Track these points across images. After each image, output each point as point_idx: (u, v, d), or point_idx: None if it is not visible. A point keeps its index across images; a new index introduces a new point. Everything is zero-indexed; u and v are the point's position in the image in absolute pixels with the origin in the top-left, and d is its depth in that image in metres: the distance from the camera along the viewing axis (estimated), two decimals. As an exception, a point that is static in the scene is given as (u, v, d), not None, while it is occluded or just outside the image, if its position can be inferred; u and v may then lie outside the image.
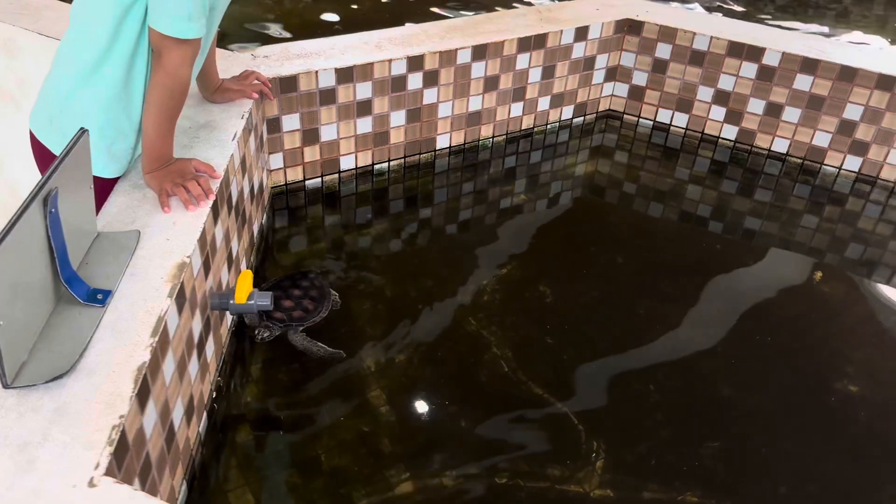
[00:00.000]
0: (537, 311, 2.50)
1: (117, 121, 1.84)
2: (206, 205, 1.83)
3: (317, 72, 2.66)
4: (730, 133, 3.42)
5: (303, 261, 2.65)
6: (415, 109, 3.00)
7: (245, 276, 1.82)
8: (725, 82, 3.31)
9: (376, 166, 3.07)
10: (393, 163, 3.10)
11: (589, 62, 3.40)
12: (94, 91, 1.79)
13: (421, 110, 3.02)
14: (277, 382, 2.14)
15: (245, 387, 2.12)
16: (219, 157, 2.03)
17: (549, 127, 3.49)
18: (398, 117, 2.97)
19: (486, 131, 3.29)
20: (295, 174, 2.88)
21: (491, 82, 3.14)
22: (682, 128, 3.52)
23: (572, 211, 3.14)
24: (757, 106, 3.29)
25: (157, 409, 1.46)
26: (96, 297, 1.51)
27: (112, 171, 1.90)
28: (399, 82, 2.88)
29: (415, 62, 2.86)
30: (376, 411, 2.08)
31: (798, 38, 3.36)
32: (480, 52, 3.01)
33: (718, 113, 3.40)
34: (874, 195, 3.22)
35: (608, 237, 2.98)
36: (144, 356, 1.40)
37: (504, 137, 3.38)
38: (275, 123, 2.70)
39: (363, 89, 2.81)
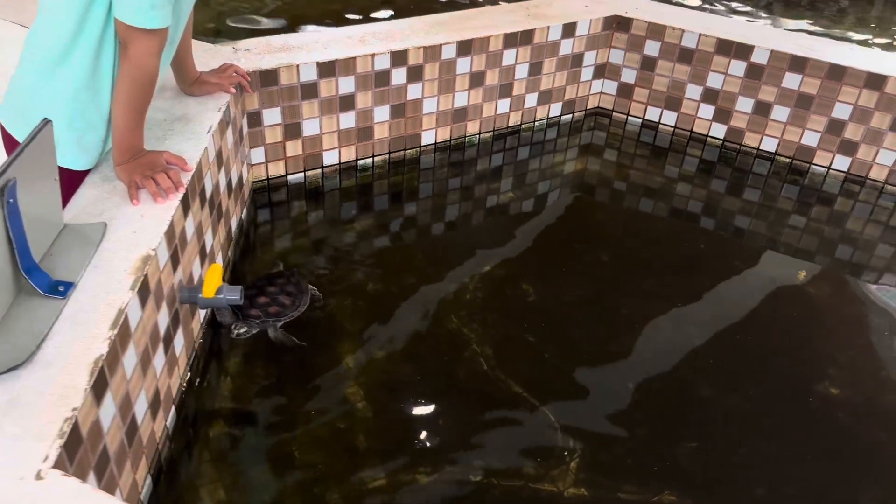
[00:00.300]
0: (519, 310, 2.48)
1: (86, 112, 1.82)
2: (176, 197, 1.81)
3: (298, 65, 2.64)
4: (718, 132, 3.39)
5: (284, 256, 2.64)
6: (399, 105, 2.98)
7: (214, 269, 1.80)
8: (714, 80, 3.29)
9: (360, 162, 3.05)
10: (377, 158, 3.08)
11: (577, 59, 3.37)
12: (61, 82, 1.77)
13: (405, 106, 3.00)
14: (253, 377, 2.12)
15: (219, 382, 2.11)
16: (192, 149, 2.01)
17: (537, 124, 3.47)
18: (382, 112, 2.95)
19: (472, 128, 3.27)
20: (277, 169, 2.86)
21: (477, 78, 3.11)
22: (671, 126, 3.49)
23: (559, 209, 3.12)
24: (745, 104, 3.27)
25: (117, 403, 1.44)
26: (57, 289, 1.49)
27: (82, 162, 1.88)
28: (382, 77, 2.86)
29: (398, 57, 2.84)
30: (353, 408, 2.06)
31: (787, 36, 3.34)
32: (465, 47, 2.99)
33: (707, 111, 3.37)
34: (863, 195, 3.19)
35: (594, 236, 2.96)
36: (102, 349, 1.38)
37: (491, 134, 3.36)
38: (255, 117, 2.68)
39: (346, 84, 2.79)
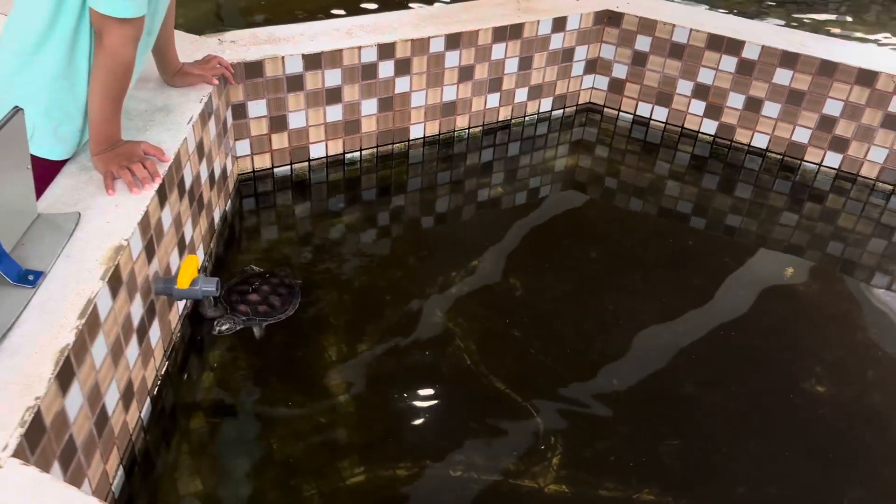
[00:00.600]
0: (505, 305, 2.46)
1: (62, 102, 1.81)
2: (152, 188, 1.80)
3: (283, 57, 2.62)
4: (709, 128, 3.37)
5: (269, 249, 2.62)
6: (387, 98, 2.96)
7: (190, 261, 1.79)
8: (705, 76, 3.26)
9: (348, 155, 3.03)
10: (365, 152, 3.06)
11: (568, 54, 3.35)
12: (37, 71, 1.76)
13: (393, 99, 2.98)
14: (234, 370, 2.11)
15: (199, 374, 2.10)
16: (171, 140, 1.99)
17: (528, 119, 3.45)
18: (369, 106, 2.93)
19: (461, 122, 3.25)
20: (263, 161, 2.84)
21: (466, 72, 3.09)
22: (662, 122, 3.47)
23: (549, 204, 3.10)
24: (736, 100, 3.25)
25: (85, 392, 1.43)
26: (27, 278, 1.48)
27: (59, 152, 1.87)
28: (369, 70, 2.84)
29: (386, 50, 2.82)
30: (334, 401, 2.05)
31: (778, 31, 3.31)
32: (454, 41, 2.97)
33: (698, 107, 3.35)
34: (854, 193, 3.17)
35: (583, 232, 2.94)
36: (69, 338, 1.36)
37: (480, 129, 3.34)
38: (240, 109, 2.66)
39: (332, 76, 2.76)
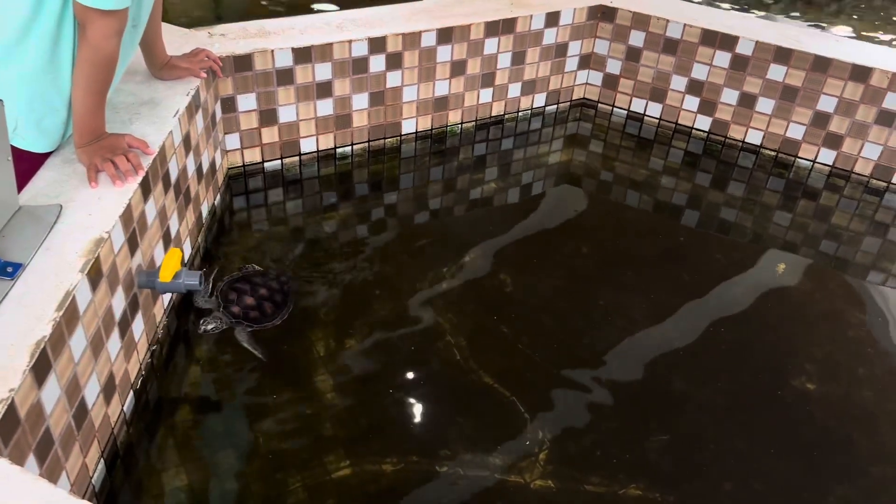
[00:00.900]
0: (495, 300, 2.46)
1: (46, 95, 1.80)
2: (135, 181, 1.79)
3: (272, 51, 2.61)
4: (703, 124, 3.36)
5: (259, 243, 2.61)
6: (378, 93, 2.95)
7: (172, 254, 1.78)
8: (699, 71, 3.25)
9: (339, 150, 3.02)
10: (356, 147, 3.05)
11: (561, 49, 3.34)
12: (20, 64, 1.75)
13: (385, 94, 2.97)
14: (220, 364, 2.10)
15: (185, 368, 2.09)
16: (156, 133, 1.98)
17: (521, 114, 3.44)
18: (361, 100, 2.92)
19: (454, 117, 3.24)
20: (253, 155, 2.83)
21: (458, 67, 3.08)
22: (656, 118, 3.46)
23: (541, 200, 3.09)
24: (730, 96, 3.24)
25: (62, 385, 1.42)
26: (6, 270, 1.47)
27: (42, 145, 1.86)
28: (360, 64, 2.83)
29: (377, 44, 2.81)
30: (321, 396, 2.04)
31: (772, 26, 3.30)
32: (446, 35, 2.95)
33: (692, 103, 3.34)
34: (848, 190, 3.16)
35: (575, 228, 2.93)
36: (46, 330, 1.36)
37: (473, 124, 3.33)
38: (230, 103, 2.65)
39: (322, 70, 2.75)
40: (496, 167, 3.25)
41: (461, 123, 3.29)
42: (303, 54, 2.69)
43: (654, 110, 3.45)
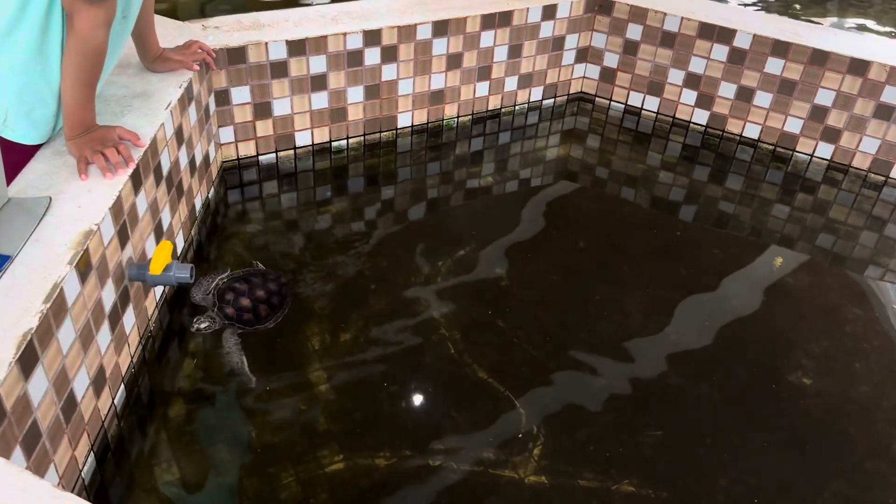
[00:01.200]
0: (491, 295, 2.45)
1: (35, 86, 1.78)
2: (125, 173, 1.78)
3: (266, 43, 2.60)
4: (701, 118, 3.34)
5: (254, 237, 2.61)
6: (373, 86, 2.93)
7: (163, 246, 1.77)
8: (696, 65, 3.23)
9: (334, 143, 3.01)
10: (352, 140, 3.04)
11: (558, 42, 3.32)
12: (9, 55, 1.73)
13: (380, 87, 2.95)
14: (214, 357, 2.09)
15: (178, 361, 2.08)
16: (148, 125, 1.97)
17: (518, 108, 3.43)
18: (356, 93, 2.91)
19: (450, 111, 3.22)
20: (247, 149, 2.82)
21: (454, 60, 3.07)
22: (654, 112, 3.44)
23: (538, 195, 3.08)
24: (728, 90, 3.22)
25: (50, 377, 1.41)
26: (-7, 262, 1.47)
27: (32, 137, 1.85)
28: (355, 57, 2.81)
29: (371, 36, 2.79)
30: (315, 390, 2.04)
31: (770, 20, 3.27)
32: (441, 28, 2.94)
33: (689, 97, 3.32)
34: (846, 184, 3.14)
35: (572, 222, 2.92)
36: (33, 322, 1.35)
37: (470, 118, 3.31)
38: (223, 95, 2.64)
39: (317, 63, 2.74)
40: (493, 161, 3.24)
41: (457, 117, 3.27)
42: (297, 47, 2.67)
43: (652, 104, 3.44)
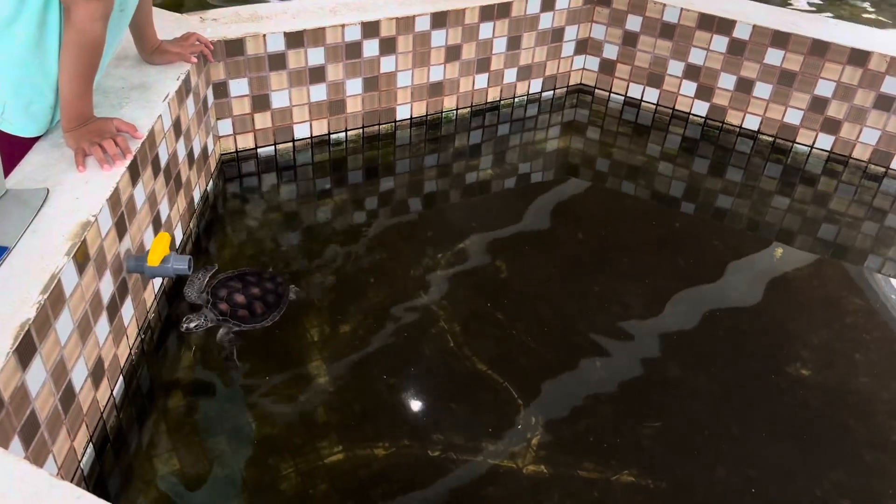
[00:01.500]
0: (490, 287, 2.44)
1: (33, 79, 1.78)
2: (123, 164, 1.77)
3: (264, 35, 2.59)
4: (700, 109, 3.33)
5: (253, 229, 2.60)
6: (372, 78, 2.93)
7: (161, 238, 1.77)
8: (696, 56, 3.22)
9: (333, 136, 3.00)
10: (350, 133, 3.03)
11: (557, 34, 3.31)
12: (7, 48, 1.73)
13: (378, 79, 2.95)
14: (212, 349, 2.09)
15: (177, 352, 2.08)
16: (145, 117, 1.97)
17: (517, 100, 3.42)
18: (354, 85, 2.90)
19: (449, 103, 3.21)
20: (246, 141, 2.82)
21: (453, 52, 3.06)
22: (653, 103, 3.43)
23: (537, 187, 3.07)
24: (728, 81, 3.21)
25: (48, 368, 1.42)
26: (-9, 254, 1.47)
27: (31, 130, 1.85)
28: (353, 49, 2.81)
29: (370, 28, 2.78)
30: (314, 382, 2.04)
31: (769, 10, 3.26)
32: (440, 19, 2.92)
33: (689, 88, 3.31)
34: (846, 175, 3.14)
35: (572, 214, 2.91)
36: (30, 313, 1.35)
37: (469, 110, 3.30)
38: (221, 88, 2.63)
39: (315, 55, 2.73)
40: (492, 154, 3.23)
41: (456, 109, 3.26)
42: (295, 39, 2.67)
43: (651, 96, 3.43)
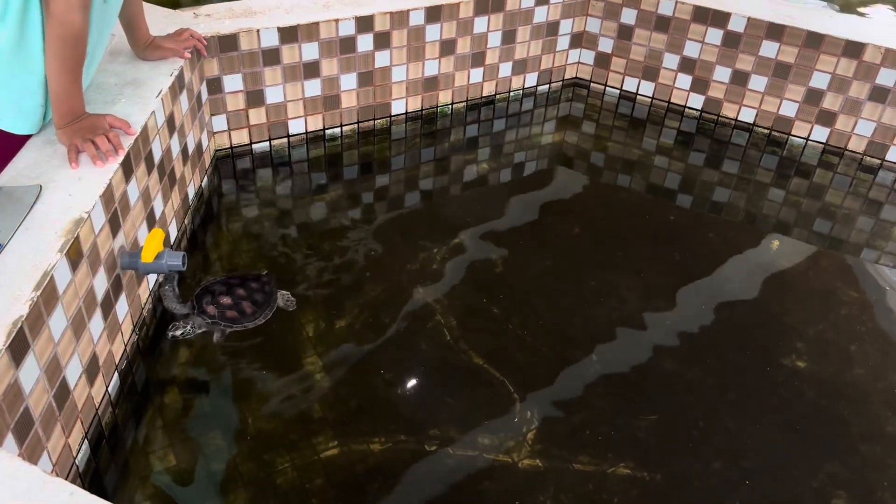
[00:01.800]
0: (486, 281, 2.44)
1: (20, 76, 1.77)
2: (116, 161, 1.77)
3: (258, 30, 2.58)
4: (696, 102, 3.33)
5: (248, 225, 2.60)
6: (366, 73, 2.92)
7: (154, 234, 1.76)
8: (691, 49, 3.22)
9: (328, 131, 3.00)
10: (346, 128, 3.02)
11: (552, 27, 3.30)
12: None
13: (373, 74, 2.94)
14: (207, 346, 2.09)
15: (173, 349, 2.08)
16: (139, 113, 1.96)
17: (513, 94, 3.41)
18: (349, 80, 2.89)
19: (444, 97, 3.21)
20: (240, 137, 2.81)
21: (447, 46, 3.05)
22: (649, 97, 3.43)
23: (533, 181, 3.07)
24: (723, 74, 3.21)
25: (42, 365, 1.41)
26: (-17, 251, 1.46)
27: (23, 127, 1.84)
28: (348, 43, 2.80)
29: (364, 23, 2.78)
30: (310, 377, 2.04)
31: (764, 2, 3.25)
32: (434, 13, 2.92)
33: (684, 81, 3.31)
34: (842, 167, 3.14)
35: (567, 208, 2.91)
36: (23, 309, 1.35)
37: (464, 104, 3.29)
38: (215, 83, 2.62)
39: (309, 50, 2.72)
40: (488, 148, 3.23)
41: (452, 104, 3.26)
42: (289, 34, 2.66)
43: (647, 89, 3.42)
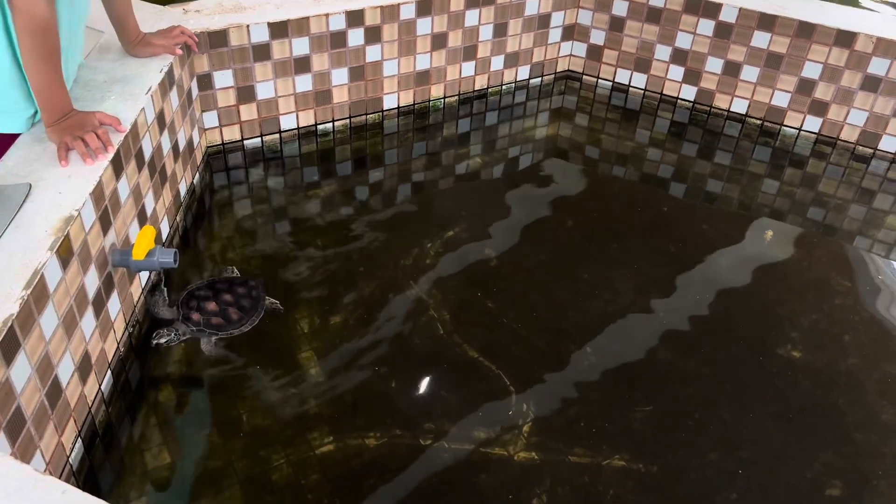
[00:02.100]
0: (480, 275, 2.44)
1: (2, 74, 1.74)
2: (106, 158, 1.76)
3: (248, 26, 2.57)
4: (688, 93, 3.33)
5: (240, 221, 2.59)
6: (358, 67, 2.91)
7: (145, 231, 1.76)
8: (683, 40, 3.22)
9: (320, 126, 2.99)
10: (338, 123, 3.02)
11: (544, 20, 3.30)
12: None
13: (364, 68, 2.93)
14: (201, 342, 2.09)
15: (167, 346, 2.07)
16: (128, 110, 1.95)
17: (505, 88, 3.41)
18: (340, 75, 2.88)
19: (436, 91, 3.20)
20: (232, 133, 2.80)
21: (439, 40, 3.04)
22: (641, 89, 3.43)
23: (526, 174, 3.07)
24: (715, 65, 3.21)
25: (33, 363, 1.41)
26: (-27, 250, 1.45)
27: (8, 126, 1.82)
28: (338, 38, 2.79)
29: (354, 17, 2.77)
30: (304, 373, 2.04)
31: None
32: (425, 7, 2.91)
33: (677, 73, 3.31)
34: (834, 157, 3.14)
35: (561, 201, 2.91)
36: (13, 308, 1.34)
37: (456, 98, 3.29)
38: (206, 80, 2.61)
39: (300, 45, 2.71)
40: (480, 142, 3.22)
41: (444, 98, 3.25)
42: (279, 29, 2.65)
43: (639, 81, 3.42)
